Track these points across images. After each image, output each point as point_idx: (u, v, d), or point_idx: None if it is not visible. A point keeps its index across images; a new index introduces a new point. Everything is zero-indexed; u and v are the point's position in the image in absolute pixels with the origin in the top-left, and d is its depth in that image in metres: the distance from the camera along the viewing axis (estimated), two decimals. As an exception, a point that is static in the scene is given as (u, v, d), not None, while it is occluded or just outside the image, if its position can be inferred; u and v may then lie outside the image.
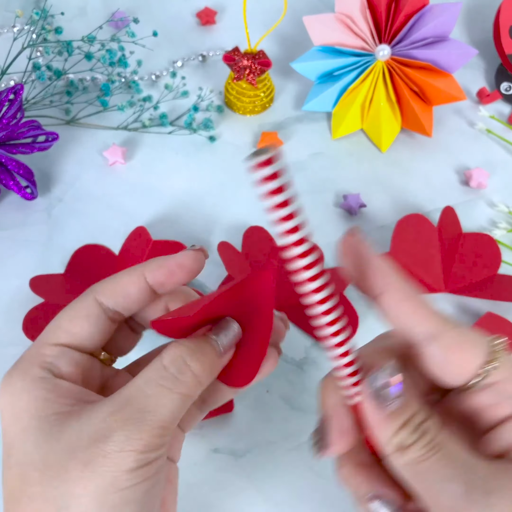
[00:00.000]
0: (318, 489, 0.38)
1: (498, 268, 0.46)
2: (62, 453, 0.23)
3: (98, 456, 0.22)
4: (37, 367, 0.25)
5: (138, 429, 0.22)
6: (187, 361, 0.24)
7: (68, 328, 0.26)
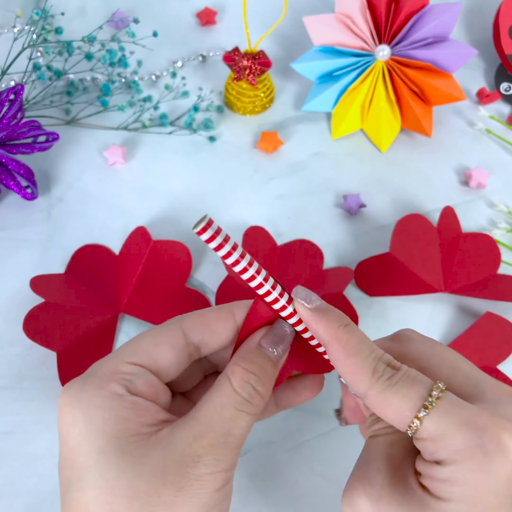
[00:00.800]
0: (318, 489, 0.38)
1: (497, 268, 0.46)
2: (151, 478, 0.22)
3: (190, 480, 0.23)
4: (115, 383, 0.24)
5: (224, 452, 0.24)
6: (255, 386, 0.25)
7: (151, 352, 0.26)
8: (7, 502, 0.36)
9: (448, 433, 0.22)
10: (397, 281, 0.45)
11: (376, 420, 0.27)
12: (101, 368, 0.25)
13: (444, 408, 0.23)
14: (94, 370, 0.25)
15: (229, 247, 0.24)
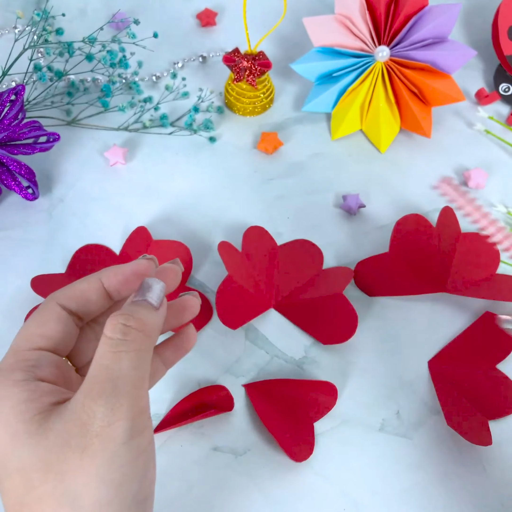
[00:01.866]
0: (318, 488, 0.38)
1: (497, 268, 0.46)
2: (57, 448, 0.23)
3: (91, 438, 0.22)
4: (19, 371, 0.25)
5: (115, 398, 0.23)
6: (125, 323, 0.24)
7: (42, 332, 0.27)
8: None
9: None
10: (397, 281, 0.46)
11: None
12: (5, 362, 0.26)
13: None
14: (2, 362, 0.26)
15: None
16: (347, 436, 0.40)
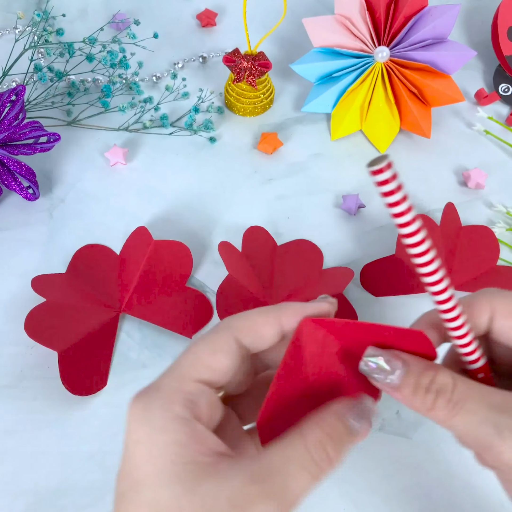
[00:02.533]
0: (318, 488, 0.38)
1: (497, 259, 0.46)
2: (199, 509, 0.22)
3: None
4: (179, 405, 0.24)
5: (278, 505, 0.23)
6: (328, 450, 0.25)
7: (209, 363, 0.26)
8: (8, 501, 0.37)
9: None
10: (403, 282, 0.46)
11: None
12: (166, 386, 0.25)
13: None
14: (159, 386, 0.25)
15: (401, 195, 0.22)
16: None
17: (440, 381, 0.25)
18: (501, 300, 0.27)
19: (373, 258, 0.47)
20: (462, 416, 0.24)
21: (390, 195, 0.22)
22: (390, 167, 0.22)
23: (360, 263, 0.47)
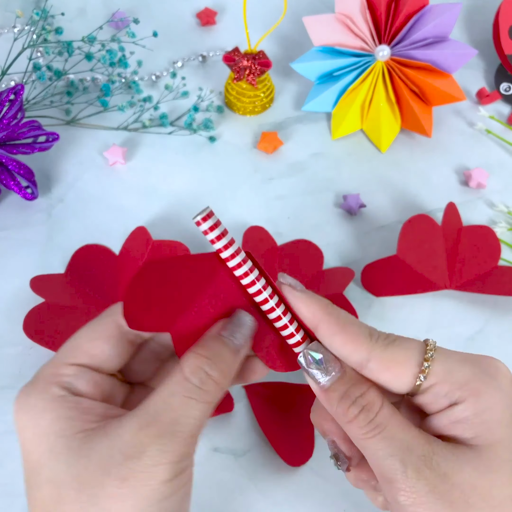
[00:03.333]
0: (318, 489, 0.38)
1: (498, 259, 0.46)
2: (96, 470, 0.23)
3: (134, 472, 0.22)
4: (56, 386, 0.25)
5: (171, 442, 0.23)
6: (208, 370, 0.24)
7: (87, 349, 0.26)
8: (7, 502, 0.37)
9: (455, 369, 0.25)
10: (404, 282, 0.45)
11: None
12: (43, 373, 0.26)
13: (443, 354, 0.25)
14: (37, 375, 0.26)
15: (226, 241, 0.24)
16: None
17: (370, 398, 0.25)
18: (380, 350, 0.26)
19: (374, 258, 0.47)
20: (377, 441, 0.24)
21: (217, 241, 0.24)
22: (210, 217, 0.24)
23: (360, 263, 0.47)
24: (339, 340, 0.26)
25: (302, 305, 0.26)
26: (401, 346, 0.26)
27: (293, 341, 0.27)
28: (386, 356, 0.25)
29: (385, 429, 0.24)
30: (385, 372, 0.25)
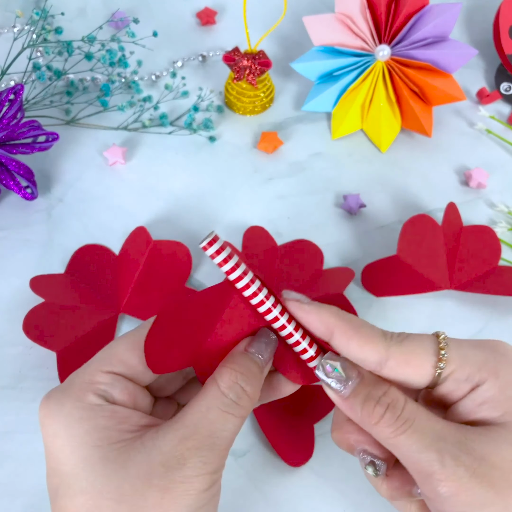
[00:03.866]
0: (318, 489, 0.38)
1: (498, 259, 0.46)
2: (137, 481, 0.23)
3: (176, 482, 0.23)
4: (92, 394, 0.25)
5: (211, 454, 0.24)
6: (243, 386, 0.25)
7: (125, 358, 0.26)
8: (7, 502, 0.37)
9: (469, 353, 0.26)
10: (404, 282, 0.45)
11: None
12: (77, 380, 0.26)
13: (455, 342, 0.26)
14: (71, 382, 0.26)
15: (233, 263, 0.25)
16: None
17: (393, 395, 0.25)
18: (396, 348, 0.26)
19: (374, 258, 0.47)
20: (408, 436, 0.24)
21: (224, 264, 0.25)
22: (215, 241, 0.24)
23: (361, 263, 0.47)
24: (356, 344, 0.26)
25: (314, 316, 0.27)
26: (415, 340, 0.26)
27: (307, 356, 0.27)
28: (403, 351, 0.26)
29: (414, 423, 0.24)
30: (405, 366, 0.26)
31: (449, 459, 0.23)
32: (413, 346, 0.26)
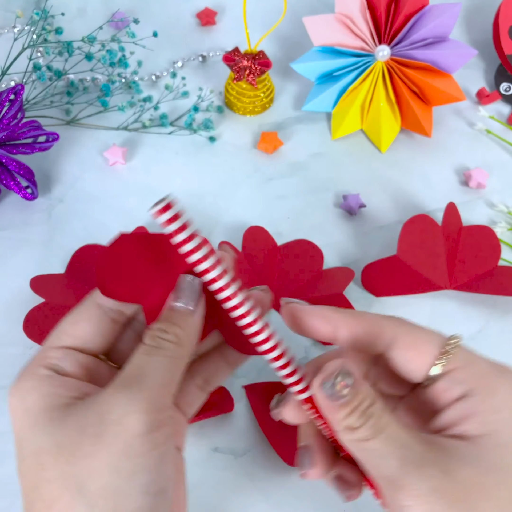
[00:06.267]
0: (318, 489, 0.38)
1: (498, 259, 0.46)
2: (73, 433, 0.23)
3: (107, 425, 0.23)
4: (43, 367, 0.26)
5: (138, 389, 0.24)
6: (162, 336, 0.25)
7: (71, 331, 0.27)
8: (7, 502, 0.37)
9: (476, 361, 0.26)
10: (404, 282, 0.45)
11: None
12: (32, 360, 0.27)
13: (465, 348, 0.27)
14: (28, 361, 0.27)
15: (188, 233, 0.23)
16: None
17: (378, 405, 0.25)
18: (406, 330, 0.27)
19: (374, 258, 0.47)
20: (376, 442, 0.24)
21: (175, 235, 0.23)
22: (169, 208, 0.22)
23: (360, 263, 0.47)
24: (364, 329, 0.27)
25: (316, 315, 0.27)
26: (426, 329, 0.27)
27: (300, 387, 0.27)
28: (411, 335, 0.26)
29: (386, 430, 0.24)
30: (411, 349, 0.26)
31: (413, 468, 0.23)
32: (423, 332, 0.27)
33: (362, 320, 0.27)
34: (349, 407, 0.25)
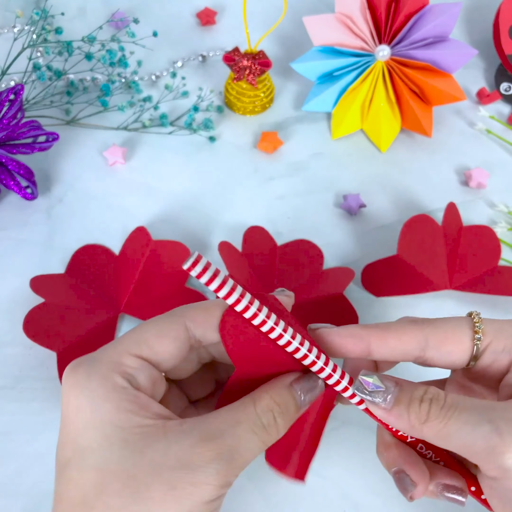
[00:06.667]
0: (318, 489, 0.38)
1: (498, 259, 0.46)
2: (148, 469, 0.23)
3: (186, 483, 0.22)
4: (118, 375, 0.25)
5: (227, 466, 0.23)
6: (276, 416, 0.25)
7: (153, 344, 0.26)
8: (7, 502, 0.36)
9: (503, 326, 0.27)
10: (404, 282, 0.45)
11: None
12: (106, 358, 0.26)
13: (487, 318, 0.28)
14: (99, 358, 0.26)
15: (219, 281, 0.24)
16: (348, 437, 0.40)
17: (433, 391, 0.26)
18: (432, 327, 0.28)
19: (374, 258, 0.47)
20: (456, 420, 0.24)
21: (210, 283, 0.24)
22: (198, 262, 0.23)
23: (360, 263, 0.47)
24: (393, 339, 0.27)
25: (348, 336, 0.28)
26: (448, 319, 0.28)
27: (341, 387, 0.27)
28: (439, 330, 0.27)
29: (459, 406, 0.25)
30: (446, 343, 0.27)
31: (505, 427, 0.23)
32: (447, 324, 0.27)
33: (391, 331, 0.27)
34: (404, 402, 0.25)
